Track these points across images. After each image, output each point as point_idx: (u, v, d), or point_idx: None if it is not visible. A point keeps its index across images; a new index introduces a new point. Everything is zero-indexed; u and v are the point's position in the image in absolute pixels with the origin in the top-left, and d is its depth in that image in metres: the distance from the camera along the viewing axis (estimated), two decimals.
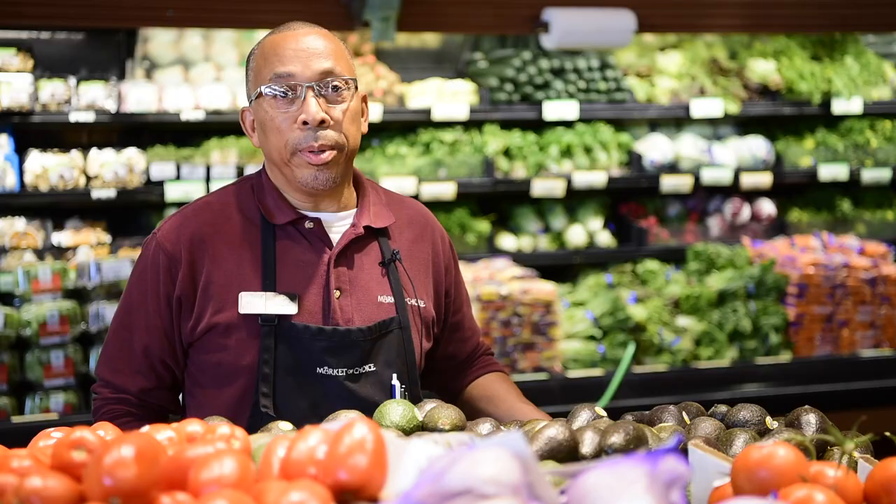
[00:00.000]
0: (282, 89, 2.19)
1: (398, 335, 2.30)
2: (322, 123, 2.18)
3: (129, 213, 5.24)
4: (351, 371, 2.23)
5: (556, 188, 5.36)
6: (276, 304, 2.21)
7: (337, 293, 2.25)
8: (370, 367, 2.25)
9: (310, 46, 2.22)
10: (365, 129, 2.32)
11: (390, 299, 2.31)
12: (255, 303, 2.21)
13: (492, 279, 4.81)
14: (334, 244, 2.28)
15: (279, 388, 2.22)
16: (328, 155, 2.20)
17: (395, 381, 2.27)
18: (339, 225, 2.31)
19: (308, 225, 2.27)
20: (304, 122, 2.18)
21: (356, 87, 2.27)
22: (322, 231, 2.28)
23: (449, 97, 5.30)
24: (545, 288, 4.77)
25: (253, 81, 2.26)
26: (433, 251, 2.44)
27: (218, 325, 2.22)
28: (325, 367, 2.22)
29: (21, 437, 2.04)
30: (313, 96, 2.19)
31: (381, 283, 2.31)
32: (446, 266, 2.47)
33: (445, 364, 2.54)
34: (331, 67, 2.21)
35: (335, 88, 2.21)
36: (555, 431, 1.79)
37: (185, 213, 2.30)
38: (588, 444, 1.81)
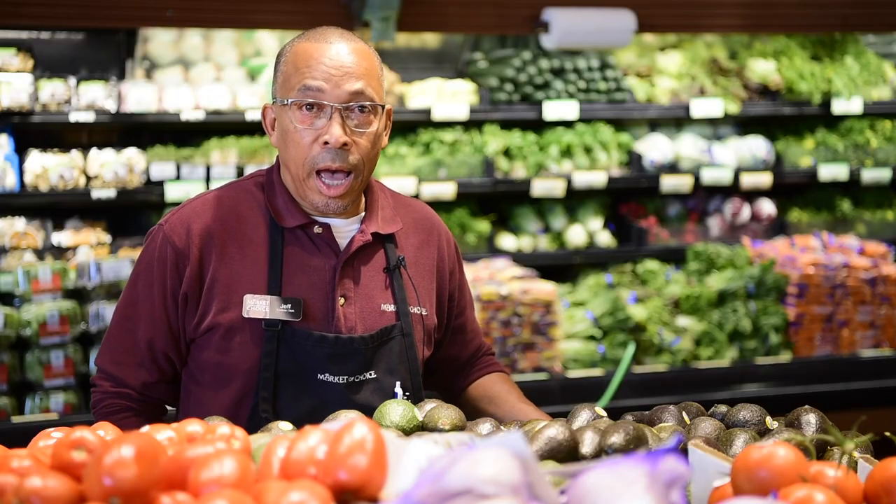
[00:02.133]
0: (308, 103, 2.18)
1: (401, 342, 2.29)
2: (344, 146, 2.17)
3: (129, 213, 5.24)
4: (352, 378, 2.23)
5: (556, 188, 5.36)
6: (280, 309, 2.20)
7: (341, 300, 2.24)
8: (371, 375, 2.25)
9: (343, 63, 2.18)
10: (384, 143, 2.30)
11: (393, 307, 2.30)
12: (259, 306, 2.20)
13: (492, 279, 4.81)
14: (342, 250, 2.27)
15: (279, 393, 2.21)
16: (343, 187, 2.19)
17: (398, 389, 2.26)
18: (347, 230, 2.30)
19: (317, 230, 2.26)
20: (326, 142, 2.17)
21: (383, 109, 2.25)
22: (331, 237, 2.27)
23: (449, 97, 5.30)
24: (545, 288, 4.77)
25: (281, 86, 2.24)
26: (438, 256, 2.44)
27: (220, 326, 2.21)
28: (326, 374, 2.21)
29: (21, 437, 2.04)
30: (339, 118, 2.17)
31: (385, 291, 2.31)
32: (451, 270, 2.47)
33: (447, 365, 2.54)
34: (361, 88, 2.19)
35: (362, 109, 2.19)
36: (555, 431, 1.79)
37: (192, 207, 2.28)
38: (588, 444, 1.81)
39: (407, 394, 2.28)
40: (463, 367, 2.57)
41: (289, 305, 2.20)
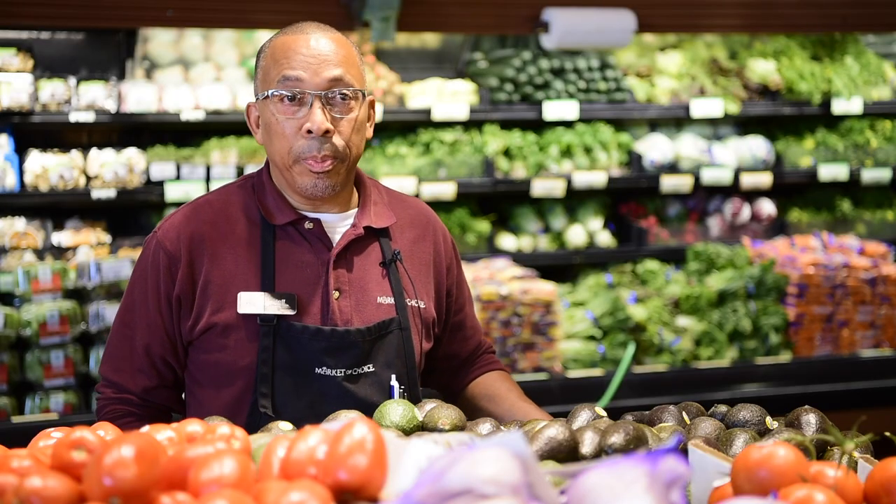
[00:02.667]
0: (289, 93, 2.19)
1: (398, 336, 2.30)
2: (326, 133, 2.18)
3: (129, 213, 5.24)
4: (349, 371, 2.23)
5: (556, 188, 5.36)
6: (274, 304, 2.21)
7: (336, 294, 2.25)
8: (369, 368, 2.25)
9: (321, 52, 2.20)
10: (370, 133, 2.32)
11: (390, 300, 2.31)
12: (253, 303, 2.21)
13: (492, 279, 4.81)
14: (334, 245, 2.28)
15: (278, 388, 2.22)
16: (329, 164, 2.20)
17: (394, 382, 2.27)
18: (339, 226, 2.31)
19: (308, 226, 2.27)
20: (309, 131, 2.18)
21: (364, 96, 2.26)
22: (322, 232, 2.28)
23: (449, 97, 5.30)
24: (545, 288, 4.77)
25: (261, 80, 2.26)
26: (435, 251, 2.44)
27: (217, 325, 2.22)
28: (324, 368, 2.22)
29: (21, 437, 2.04)
30: (320, 105, 2.18)
31: (382, 284, 2.31)
32: (448, 266, 2.47)
33: (447, 363, 2.54)
34: (340, 75, 2.20)
35: (343, 97, 2.20)
36: (555, 431, 1.79)
37: (185, 212, 2.31)
38: (588, 444, 1.81)
39: (403, 388, 2.28)
40: (463, 364, 2.57)
41: (283, 300, 2.21)
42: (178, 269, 2.24)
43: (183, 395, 2.40)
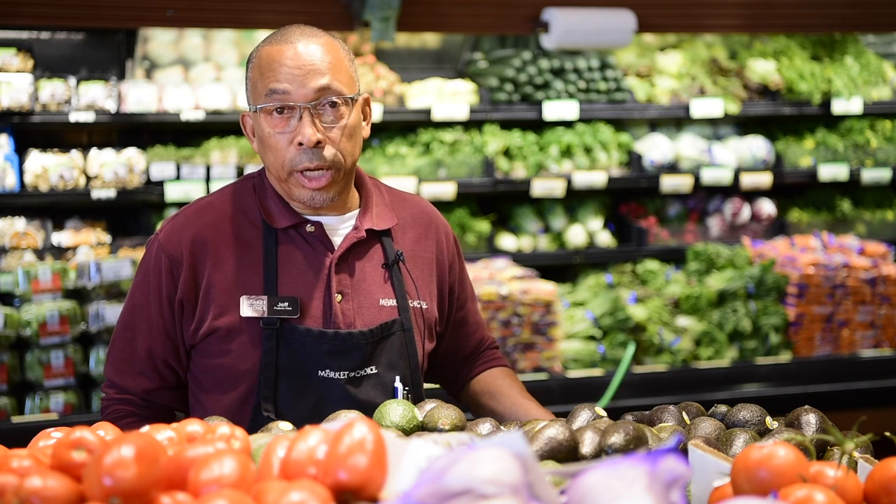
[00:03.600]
0: (277, 107, 2.17)
1: (401, 337, 2.30)
2: (318, 144, 2.17)
3: (129, 213, 5.24)
4: (352, 374, 2.23)
5: (556, 188, 5.36)
6: (277, 307, 2.21)
7: (338, 297, 2.25)
8: (372, 370, 2.26)
9: (306, 62, 2.17)
10: (367, 133, 2.30)
11: (392, 302, 2.31)
12: (256, 306, 2.21)
13: (492, 279, 4.81)
14: (336, 247, 2.28)
15: (281, 392, 2.22)
16: (324, 179, 2.19)
17: (398, 384, 2.28)
18: (341, 228, 2.31)
19: (309, 228, 2.27)
20: (300, 143, 2.17)
21: (354, 101, 2.24)
22: (323, 234, 2.28)
23: (449, 97, 5.30)
24: (545, 288, 4.77)
25: (251, 92, 2.25)
26: (437, 249, 2.44)
27: (219, 329, 2.22)
28: (327, 371, 2.22)
29: (21, 437, 2.04)
30: (309, 117, 2.16)
31: (384, 286, 2.31)
32: (450, 263, 2.47)
33: (450, 358, 2.55)
34: (327, 83, 2.17)
35: (332, 105, 2.18)
36: (555, 431, 1.79)
37: (186, 214, 2.30)
38: (588, 444, 1.81)
39: (406, 388, 2.29)
40: (465, 360, 2.58)
41: (286, 303, 2.21)
42: (180, 272, 2.24)
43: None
